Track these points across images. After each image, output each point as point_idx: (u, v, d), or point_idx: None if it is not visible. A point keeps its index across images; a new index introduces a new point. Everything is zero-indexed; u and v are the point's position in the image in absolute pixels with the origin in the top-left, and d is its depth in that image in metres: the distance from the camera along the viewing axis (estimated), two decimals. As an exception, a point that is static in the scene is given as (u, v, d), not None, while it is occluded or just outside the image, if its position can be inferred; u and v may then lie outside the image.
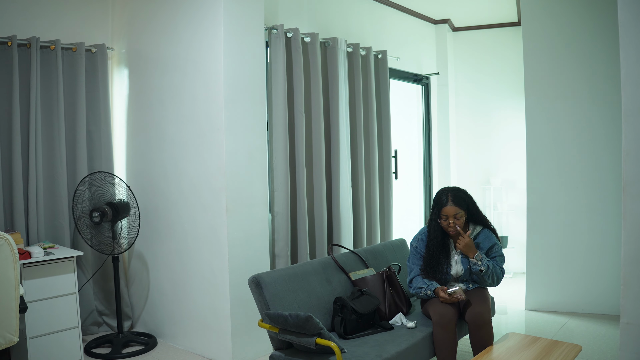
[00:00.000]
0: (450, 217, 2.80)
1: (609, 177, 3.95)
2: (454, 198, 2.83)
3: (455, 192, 2.87)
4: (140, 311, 3.88)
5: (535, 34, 4.25)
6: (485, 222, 2.96)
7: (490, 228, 2.97)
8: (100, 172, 3.54)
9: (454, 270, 2.89)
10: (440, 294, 2.73)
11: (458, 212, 2.80)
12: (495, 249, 2.90)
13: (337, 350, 2.26)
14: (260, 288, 2.56)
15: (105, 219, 3.38)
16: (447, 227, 2.83)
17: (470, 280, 2.90)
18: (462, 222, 2.83)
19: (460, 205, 2.82)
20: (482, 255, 2.81)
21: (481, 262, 2.79)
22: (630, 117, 2.48)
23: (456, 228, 2.80)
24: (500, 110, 5.72)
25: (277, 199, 3.61)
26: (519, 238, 5.50)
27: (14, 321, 2.26)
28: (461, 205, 2.83)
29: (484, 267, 2.79)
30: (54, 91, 3.50)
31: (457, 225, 2.80)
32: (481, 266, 2.78)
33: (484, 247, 2.89)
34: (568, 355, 2.33)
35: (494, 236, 2.94)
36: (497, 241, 2.93)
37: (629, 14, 2.47)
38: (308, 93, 3.87)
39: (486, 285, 2.89)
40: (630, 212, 2.49)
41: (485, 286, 2.92)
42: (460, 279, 2.91)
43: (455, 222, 2.80)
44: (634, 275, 2.48)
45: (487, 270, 2.80)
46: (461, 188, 2.95)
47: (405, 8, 5.18)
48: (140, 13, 3.74)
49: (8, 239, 2.22)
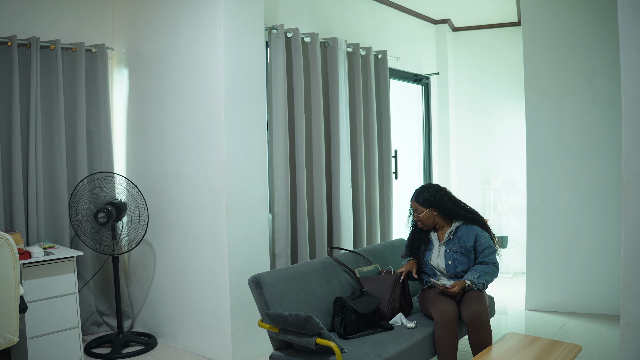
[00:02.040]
0: (415, 211, 3.01)
1: (609, 177, 3.95)
2: (416, 195, 3.03)
3: (420, 190, 3.05)
4: (140, 311, 3.89)
5: (535, 33, 4.25)
6: (466, 216, 2.99)
7: (475, 219, 2.99)
8: (101, 173, 3.54)
9: (434, 262, 2.95)
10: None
11: (417, 208, 3.00)
12: (481, 243, 2.91)
13: (337, 350, 2.26)
14: (260, 288, 2.56)
15: (110, 219, 3.39)
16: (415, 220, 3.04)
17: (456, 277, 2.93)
18: (426, 218, 2.97)
19: (419, 202, 2.99)
20: (471, 279, 2.81)
21: (475, 284, 2.81)
22: (631, 117, 2.48)
23: (422, 222, 2.98)
24: (501, 110, 5.72)
25: (277, 199, 3.61)
26: (519, 238, 5.50)
27: (14, 321, 2.27)
28: (421, 202, 2.98)
29: (482, 283, 2.83)
30: (54, 91, 3.50)
31: (422, 220, 2.97)
32: (479, 285, 2.82)
33: (468, 243, 2.91)
34: (568, 355, 2.33)
35: (478, 228, 2.96)
36: (482, 231, 2.95)
37: (629, 14, 2.47)
38: (308, 93, 3.87)
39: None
40: (630, 212, 2.49)
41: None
42: (448, 275, 2.94)
43: (419, 216, 2.98)
44: (634, 276, 2.48)
45: (487, 283, 2.87)
46: (434, 186, 3.06)
47: (405, 8, 5.18)
48: (140, 13, 3.74)
49: (8, 239, 2.22)
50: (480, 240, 2.91)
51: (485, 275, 2.84)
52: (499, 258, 3.00)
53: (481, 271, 2.84)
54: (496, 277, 2.92)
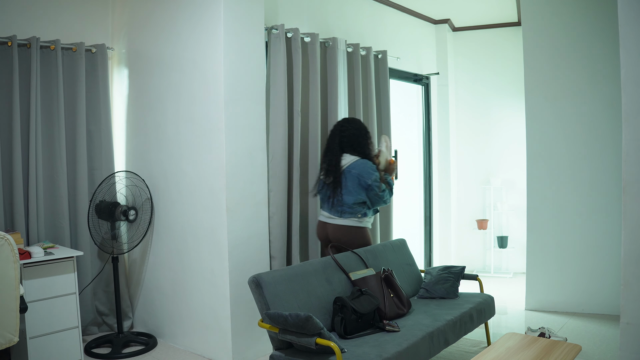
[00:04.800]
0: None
1: (609, 177, 3.95)
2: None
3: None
4: (140, 311, 3.89)
5: (536, 33, 4.25)
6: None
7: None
8: (128, 172, 3.69)
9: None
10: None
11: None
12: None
13: (337, 350, 2.26)
14: (261, 288, 2.56)
15: (137, 217, 3.52)
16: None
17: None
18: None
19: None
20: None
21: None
22: (631, 117, 2.48)
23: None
24: (501, 110, 5.72)
25: (274, 199, 3.57)
26: (519, 238, 5.50)
27: (14, 321, 2.27)
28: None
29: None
30: (54, 91, 3.50)
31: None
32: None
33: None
34: (568, 355, 2.33)
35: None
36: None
37: (629, 14, 2.47)
38: (307, 93, 3.86)
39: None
40: (630, 212, 2.49)
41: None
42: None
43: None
44: (634, 276, 2.48)
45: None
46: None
47: (405, 8, 5.18)
48: (140, 13, 3.74)
49: (8, 239, 2.22)
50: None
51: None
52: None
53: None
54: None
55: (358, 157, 3.36)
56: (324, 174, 3.42)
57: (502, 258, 5.72)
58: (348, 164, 3.33)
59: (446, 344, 2.80)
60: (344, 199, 3.31)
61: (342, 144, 3.39)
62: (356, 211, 3.33)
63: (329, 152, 3.43)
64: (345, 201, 3.31)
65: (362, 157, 3.36)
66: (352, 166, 3.32)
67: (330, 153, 3.41)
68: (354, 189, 3.30)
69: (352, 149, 3.38)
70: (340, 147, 3.40)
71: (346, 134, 3.40)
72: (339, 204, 3.33)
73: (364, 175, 3.29)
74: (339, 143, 3.40)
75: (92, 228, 3.45)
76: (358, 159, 3.35)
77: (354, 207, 3.32)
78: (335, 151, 3.39)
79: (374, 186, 3.29)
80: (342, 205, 3.32)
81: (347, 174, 3.31)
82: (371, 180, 3.29)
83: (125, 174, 3.69)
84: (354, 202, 3.31)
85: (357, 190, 3.30)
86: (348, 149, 3.38)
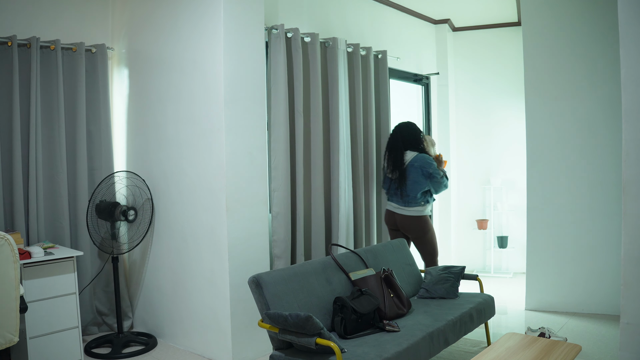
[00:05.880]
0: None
1: (609, 177, 3.95)
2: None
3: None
4: (140, 311, 3.89)
5: (536, 33, 4.25)
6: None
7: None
8: (128, 172, 3.68)
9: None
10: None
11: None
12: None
13: (337, 350, 2.26)
14: (261, 288, 2.56)
15: (136, 217, 3.53)
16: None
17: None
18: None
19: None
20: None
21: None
22: (631, 117, 2.48)
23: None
24: (501, 110, 5.72)
25: (277, 199, 3.60)
26: (519, 238, 5.50)
27: (14, 321, 2.26)
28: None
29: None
30: (54, 91, 3.50)
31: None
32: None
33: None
34: (568, 355, 2.33)
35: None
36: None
37: (629, 14, 2.48)
38: (308, 93, 3.87)
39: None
40: (630, 212, 2.49)
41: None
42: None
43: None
44: (634, 275, 2.48)
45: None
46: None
47: (405, 8, 5.18)
48: (140, 13, 3.74)
49: (8, 239, 2.22)
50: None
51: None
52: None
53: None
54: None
55: (417, 152, 3.91)
56: (390, 170, 3.97)
57: (502, 258, 5.72)
58: (410, 159, 3.90)
59: (446, 344, 2.80)
60: (411, 189, 3.86)
61: (405, 143, 3.95)
62: (420, 200, 3.88)
63: (394, 150, 3.97)
64: (412, 191, 3.86)
65: (420, 152, 3.93)
66: (414, 160, 3.89)
67: (394, 152, 3.97)
68: (418, 179, 3.86)
69: (412, 147, 3.94)
70: (404, 146, 3.94)
71: (406, 134, 3.96)
72: (406, 195, 3.88)
73: (425, 166, 3.86)
74: (402, 142, 3.95)
75: (91, 228, 3.45)
76: (417, 153, 3.91)
77: (418, 196, 3.87)
78: (399, 150, 3.94)
79: (434, 174, 3.86)
80: (409, 195, 3.87)
81: (411, 167, 3.88)
82: (432, 169, 3.86)
83: (125, 174, 3.69)
84: (420, 191, 3.86)
85: (421, 180, 3.86)
86: (409, 147, 3.94)
